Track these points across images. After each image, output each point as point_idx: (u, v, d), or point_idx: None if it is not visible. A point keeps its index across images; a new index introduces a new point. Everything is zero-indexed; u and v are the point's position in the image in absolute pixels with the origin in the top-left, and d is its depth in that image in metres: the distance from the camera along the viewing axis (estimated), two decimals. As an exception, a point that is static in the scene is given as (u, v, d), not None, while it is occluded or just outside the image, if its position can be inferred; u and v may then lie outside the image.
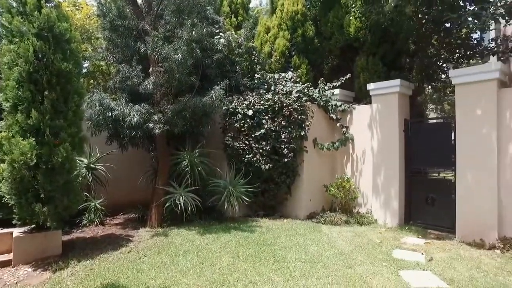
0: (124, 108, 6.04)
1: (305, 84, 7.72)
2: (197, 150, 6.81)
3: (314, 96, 7.58)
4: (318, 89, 7.72)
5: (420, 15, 7.14)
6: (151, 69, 6.30)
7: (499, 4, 6.08)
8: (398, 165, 6.68)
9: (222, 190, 6.73)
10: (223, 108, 7.00)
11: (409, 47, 8.39)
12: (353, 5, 8.03)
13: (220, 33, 7.34)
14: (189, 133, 6.94)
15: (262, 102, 7.11)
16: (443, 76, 8.22)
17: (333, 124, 7.74)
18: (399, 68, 8.21)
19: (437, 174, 6.91)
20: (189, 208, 6.26)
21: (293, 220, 7.09)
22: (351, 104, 7.71)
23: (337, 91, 7.78)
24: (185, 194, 6.40)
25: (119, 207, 7.37)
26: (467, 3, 6.76)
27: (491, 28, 7.68)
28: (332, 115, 7.57)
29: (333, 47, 8.91)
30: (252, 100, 7.16)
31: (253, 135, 7.02)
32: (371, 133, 7.18)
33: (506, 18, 6.20)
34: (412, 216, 6.76)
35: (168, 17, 6.38)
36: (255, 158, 6.93)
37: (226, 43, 7.19)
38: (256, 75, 8.07)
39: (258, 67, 8.36)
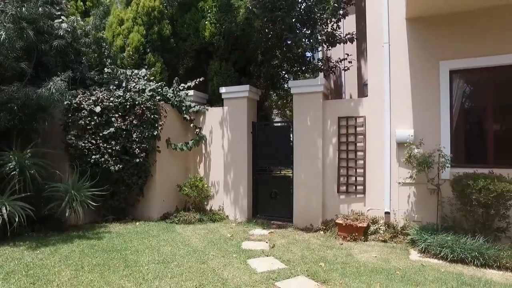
0: None
1: (160, 83, 7.58)
2: (29, 150, 5.77)
3: (168, 95, 7.52)
4: (172, 89, 7.69)
5: (267, 30, 8.02)
6: (-43, 45, 5.01)
7: (322, 32, 7.49)
8: (246, 164, 7.31)
9: (63, 195, 5.91)
10: (65, 102, 6.16)
11: (257, 56, 9.26)
12: (209, 11, 8.35)
13: (62, 17, 6.43)
14: (18, 130, 5.83)
15: (112, 98, 6.61)
16: (285, 85, 9.43)
17: (187, 125, 7.85)
18: (249, 74, 8.98)
19: (279, 172, 7.88)
20: (17, 220, 5.22)
21: (146, 222, 6.85)
22: (204, 106, 7.99)
23: (191, 92, 7.93)
24: (11, 202, 5.31)
25: None
26: (302, 26, 8.00)
27: (319, 50, 9.30)
28: (185, 115, 7.66)
29: (188, 49, 9.01)
30: (101, 96, 6.57)
31: (101, 134, 6.45)
32: (223, 134, 7.63)
33: (327, 44, 7.70)
34: (259, 210, 7.51)
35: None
36: (103, 159, 6.38)
37: (69, 29, 6.35)
38: (106, 69, 7.43)
39: (109, 61, 7.72)
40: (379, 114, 6.19)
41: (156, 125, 6.94)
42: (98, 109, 6.43)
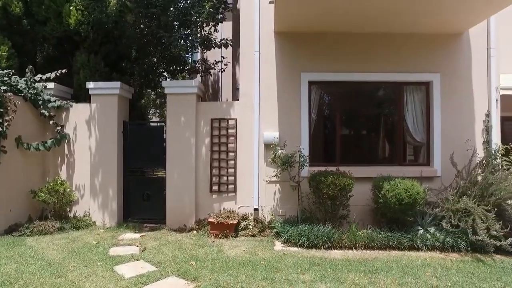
0: None
1: (7, 71, 6.42)
2: None
3: (19, 86, 6.44)
4: (25, 79, 6.62)
5: (142, 26, 7.67)
6: None
7: (198, 35, 7.62)
8: (116, 165, 6.85)
9: None
10: None
11: (131, 52, 8.76)
12: (76, -6, 7.50)
13: None
14: None
15: None
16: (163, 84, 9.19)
17: (46, 122, 6.87)
18: (121, 71, 8.41)
19: (153, 173, 7.60)
20: None
21: (-16, 238, 5.72)
22: (68, 101, 7.12)
23: (51, 85, 6.96)
24: None
25: None
26: (180, 27, 7.93)
27: (196, 51, 9.41)
28: (43, 111, 6.69)
29: (49, 35, 7.88)
30: None
31: None
32: (90, 133, 6.96)
33: (202, 47, 7.87)
34: (130, 213, 7.11)
35: None
36: None
37: None
38: None
39: None
40: (249, 117, 6.63)
41: (1, 120, 5.86)
42: None
